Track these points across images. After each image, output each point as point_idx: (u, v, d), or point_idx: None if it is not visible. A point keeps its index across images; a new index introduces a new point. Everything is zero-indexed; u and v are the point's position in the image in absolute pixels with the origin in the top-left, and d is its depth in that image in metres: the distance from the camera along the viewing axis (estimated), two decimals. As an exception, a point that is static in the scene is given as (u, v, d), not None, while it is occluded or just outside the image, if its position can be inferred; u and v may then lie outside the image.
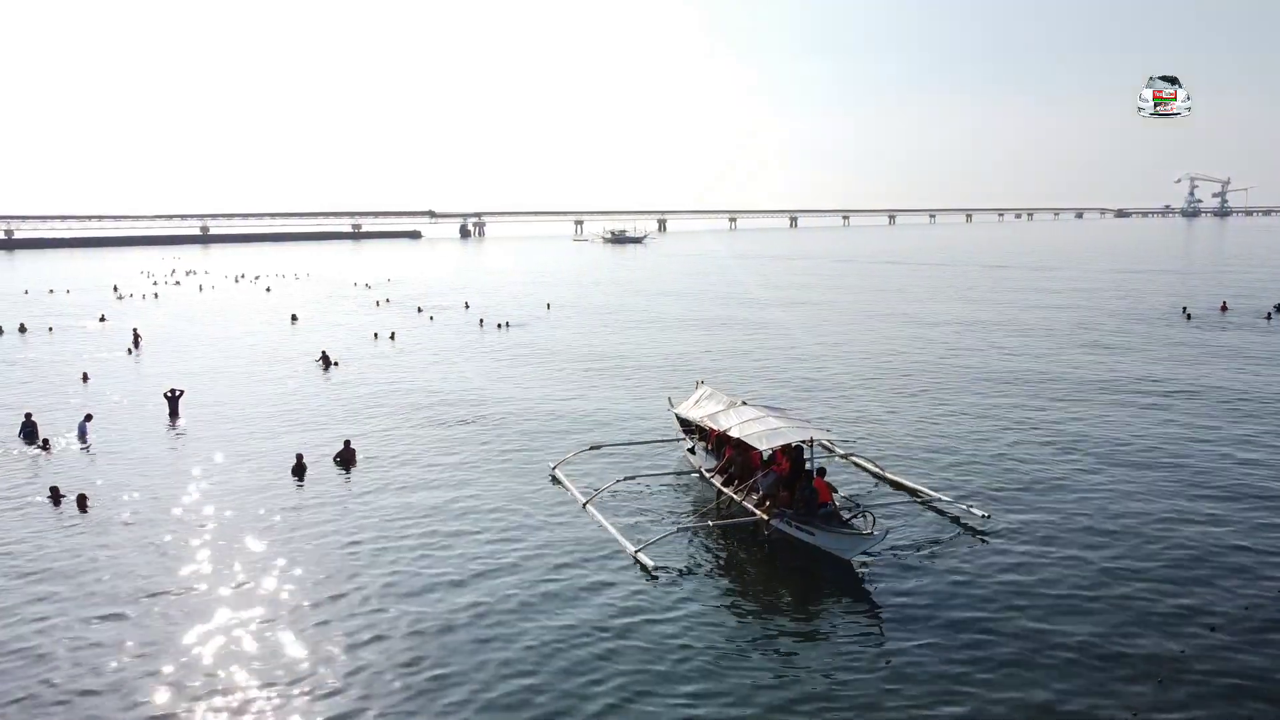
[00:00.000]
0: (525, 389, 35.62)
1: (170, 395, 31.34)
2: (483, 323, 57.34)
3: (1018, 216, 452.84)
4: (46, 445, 27.19)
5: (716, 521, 19.73)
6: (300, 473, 23.87)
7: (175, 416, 30.76)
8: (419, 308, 68.14)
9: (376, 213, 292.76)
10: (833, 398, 32.68)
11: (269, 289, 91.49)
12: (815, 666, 13.97)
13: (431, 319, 61.41)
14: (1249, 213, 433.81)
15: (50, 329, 57.40)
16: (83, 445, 27.45)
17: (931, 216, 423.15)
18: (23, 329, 57.12)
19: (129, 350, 48.21)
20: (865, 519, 18.34)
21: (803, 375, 37.50)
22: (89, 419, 28.71)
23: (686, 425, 24.81)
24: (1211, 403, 30.07)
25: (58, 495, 21.82)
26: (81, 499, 21.43)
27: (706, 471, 22.35)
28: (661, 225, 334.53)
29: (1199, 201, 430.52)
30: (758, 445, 19.47)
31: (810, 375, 37.43)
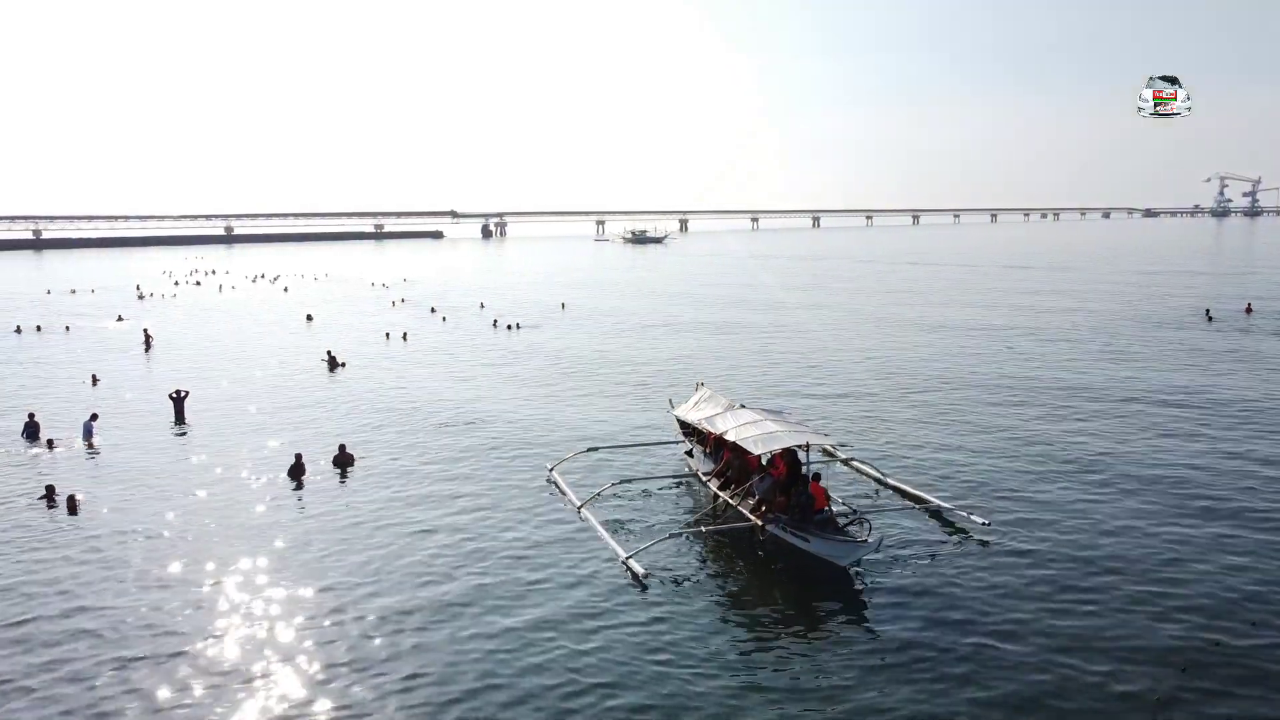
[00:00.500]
0: (528, 390, 35.45)
1: (175, 396, 31.37)
2: (496, 323, 57.25)
3: (1043, 216, 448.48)
4: (50, 445, 27.27)
5: (709, 527, 19.42)
6: (298, 474, 23.78)
7: (180, 417, 30.77)
8: (432, 308, 68.22)
9: (399, 213, 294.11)
10: (839, 402, 32.26)
11: (286, 289, 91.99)
12: (804, 676, 13.65)
13: (444, 319, 61.41)
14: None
15: (67, 329, 57.86)
16: (88, 445, 27.52)
17: (956, 216, 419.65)
18: (39, 329, 57.61)
19: (146, 349, 48.47)
20: (861, 525, 17.99)
21: (810, 379, 37.08)
22: (94, 418, 28.81)
23: (686, 428, 24.52)
24: (1223, 412, 28.86)
25: (52, 495, 21.78)
26: (71, 500, 21.40)
27: (704, 475, 22.05)
28: (683, 225, 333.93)
29: (1229, 201, 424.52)
30: (752, 449, 19.13)
31: (818, 379, 37.00)
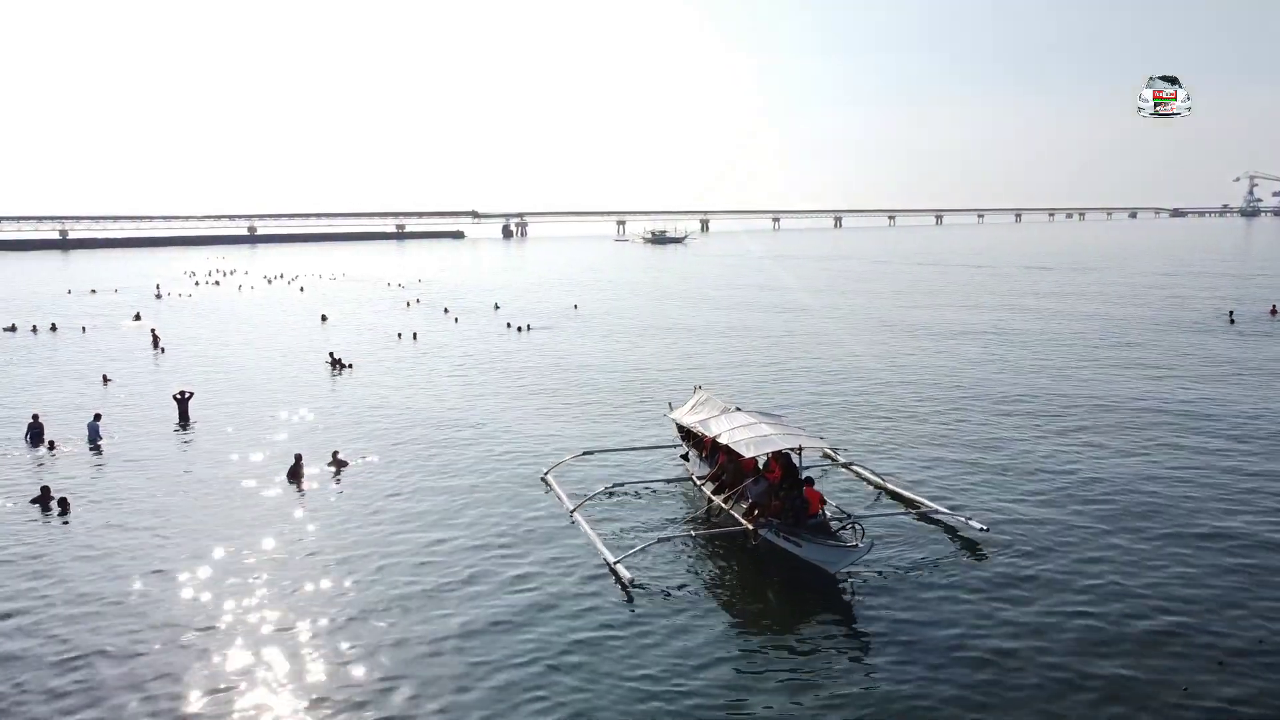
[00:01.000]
0: (531, 392, 35.29)
1: (179, 397, 31.41)
2: (510, 325, 57.17)
3: (1069, 216, 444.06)
4: (52, 447, 27.34)
5: (699, 531, 19.16)
6: (297, 476, 23.72)
7: (184, 418, 30.80)
8: (445, 308, 68.28)
9: (420, 213, 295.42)
10: (843, 406, 31.86)
11: (302, 289, 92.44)
12: (789, 686, 13.38)
13: (456, 320, 61.40)
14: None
15: (84, 329, 58.30)
16: (93, 446, 27.59)
17: (980, 216, 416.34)
18: (54, 328, 58.07)
19: (154, 349, 48.78)
20: (854, 530, 17.67)
21: (816, 384, 36.68)
22: (98, 418, 28.90)
23: (683, 431, 24.26)
24: (1235, 422, 27.52)
25: (47, 497, 21.71)
26: (63, 501, 21.39)
27: (698, 479, 21.79)
28: (704, 225, 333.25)
29: (1259, 200, 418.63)
30: (744, 452, 18.86)
31: (825, 384, 36.59)
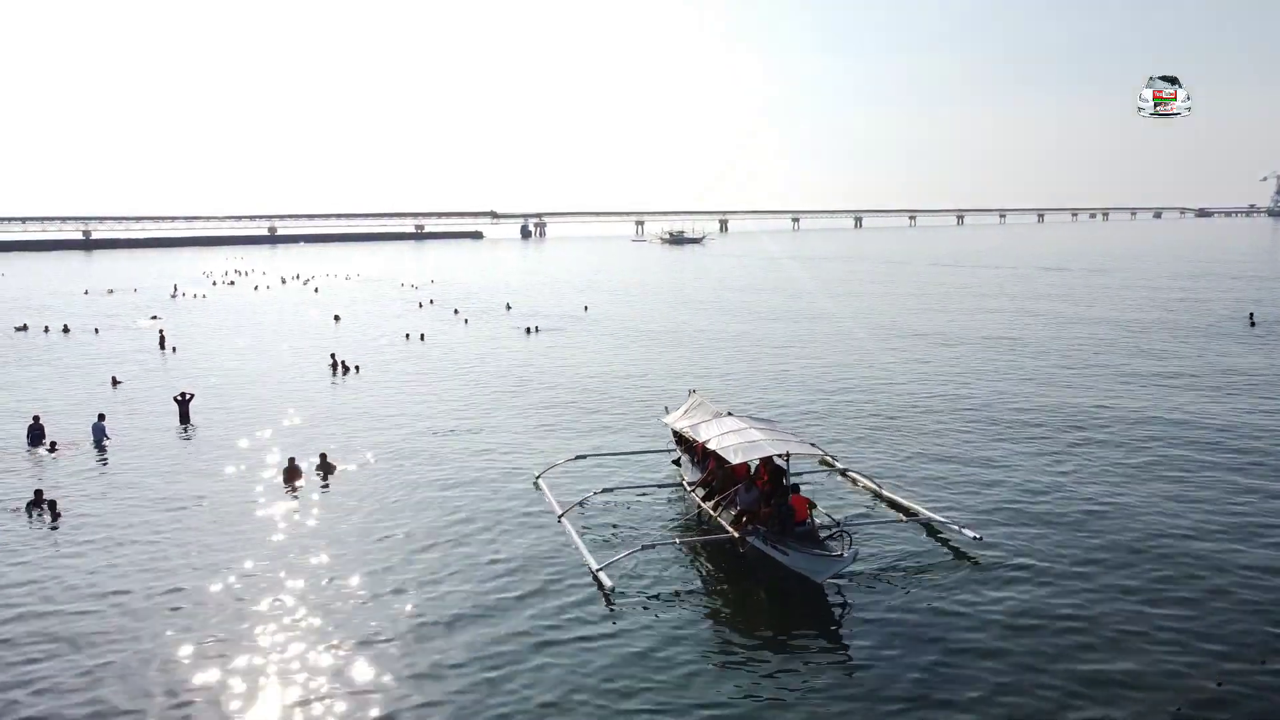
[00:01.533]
0: (532, 395, 35.13)
1: (180, 399, 31.46)
2: (518, 326, 57.05)
3: (1092, 216, 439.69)
4: (54, 447, 27.42)
5: (685, 538, 18.91)
6: (292, 478, 23.65)
7: (185, 420, 30.85)
8: (455, 309, 68.31)
9: (439, 213, 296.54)
10: (845, 412, 31.50)
11: (317, 290, 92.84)
12: (770, 699, 13.12)
13: (466, 321, 61.40)
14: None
15: (96, 330, 58.70)
16: (97, 446, 27.65)
17: (1002, 216, 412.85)
18: (66, 329, 58.50)
19: (172, 349, 49.05)
20: (842, 539, 17.35)
21: (819, 389, 36.30)
22: (103, 419, 28.99)
23: (678, 436, 24.00)
24: (1243, 436, 26.19)
25: (39, 500, 21.68)
26: (52, 504, 21.36)
27: (689, 484, 21.54)
28: (723, 226, 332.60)
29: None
30: (730, 458, 18.56)
31: (827, 389, 36.20)
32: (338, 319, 63.72)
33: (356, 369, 40.99)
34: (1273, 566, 16.98)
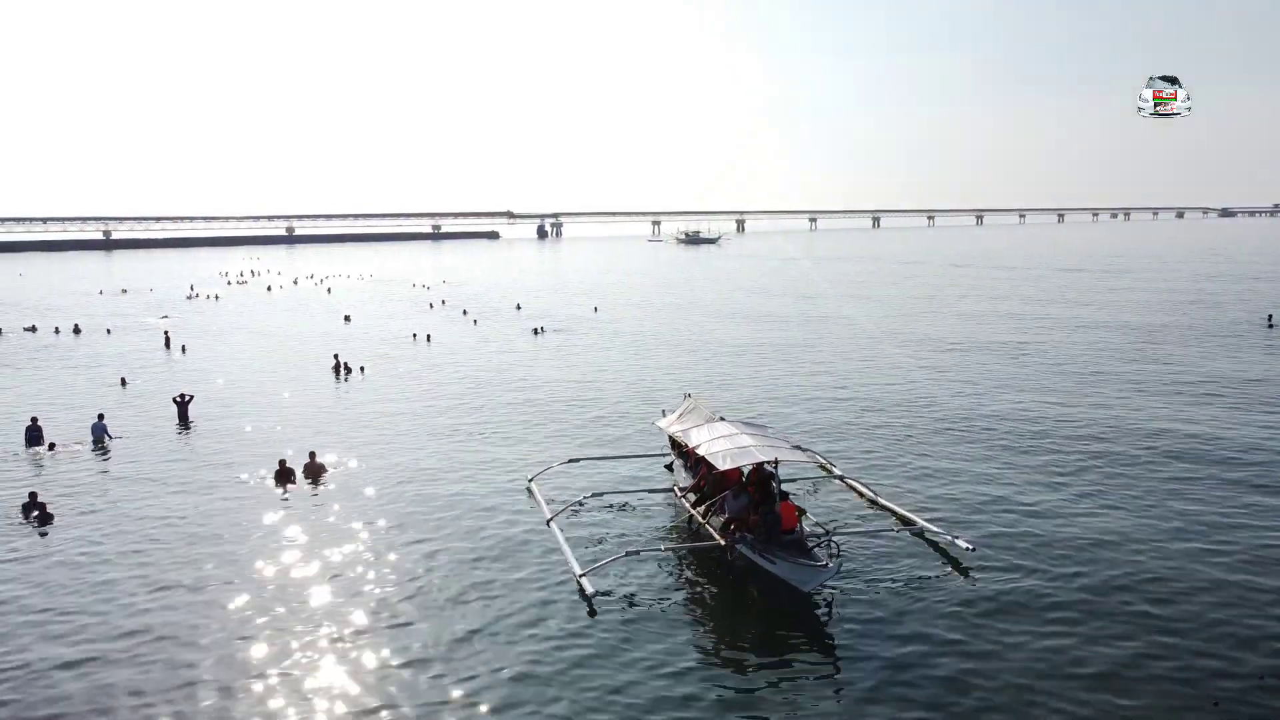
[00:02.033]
0: (531, 396, 34.90)
1: (179, 400, 31.45)
2: (526, 327, 56.91)
3: (1113, 216, 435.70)
4: (53, 447, 27.43)
5: (672, 545, 18.64)
6: (284, 480, 23.52)
7: (184, 421, 30.82)
8: (464, 310, 68.23)
9: (456, 213, 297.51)
10: (849, 418, 31.13)
11: (330, 290, 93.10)
12: (750, 708, 12.87)
13: (475, 322, 61.30)
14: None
15: (108, 331, 58.98)
16: (97, 447, 27.70)
17: (1021, 216, 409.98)
18: (77, 330, 58.77)
19: (181, 350, 49.15)
20: (829, 547, 17.01)
21: (822, 394, 35.89)
22: (102, 418, 29.03)
23: (672, 440, 23.70)
24: (1249, 446, 25.10)
25: (34, 503, 21.56)
26: (44, 508, 21.22)
27: (680, 490, 21.24)
28: (740, 225, 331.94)
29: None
30: (718, 464, 18.25)
31: (831, 395, 35.79)
32: (348, 319, 63.85)
33: (361, 370, 40.91)
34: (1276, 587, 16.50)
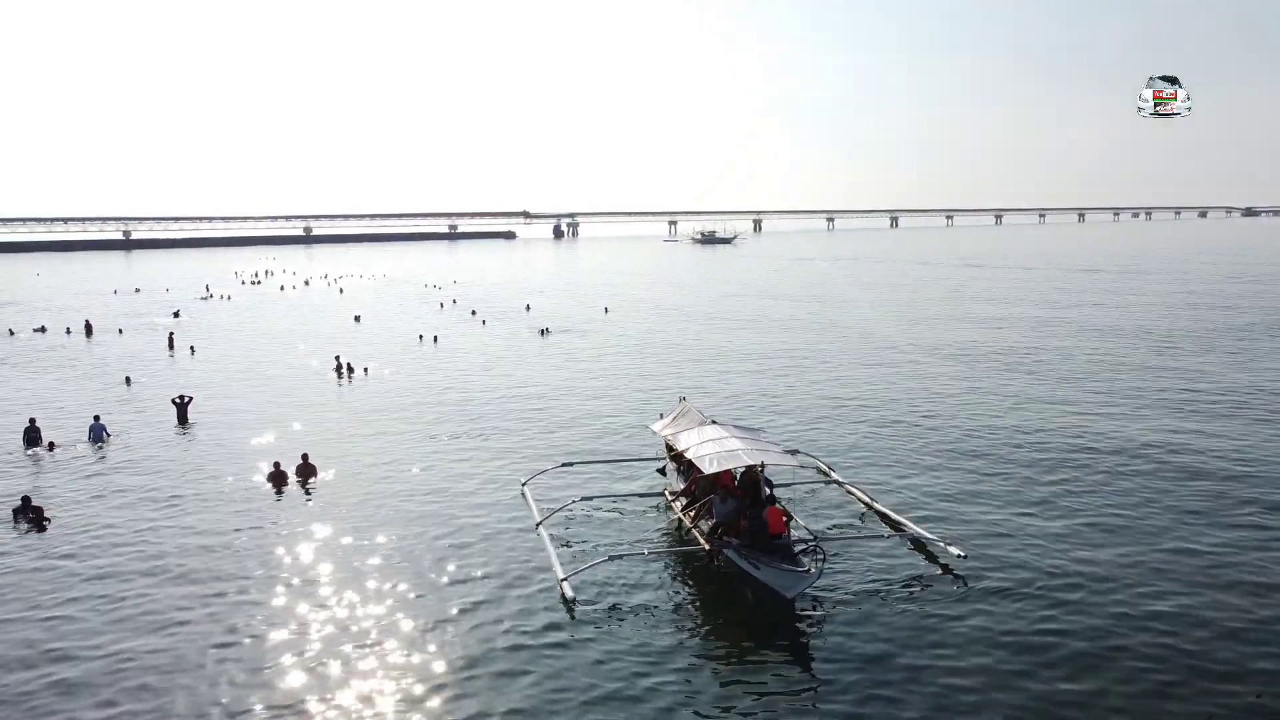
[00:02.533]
0: (531, 398, 34.72)
1: (178, 401, 31.48)
2: (534, 328, 56.80)
3: (1135, 216, 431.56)
4: (53, 447, 27.50)
5: (654, 550, 18.42)
6: (278, 482, 23.47)
7: (183, 422, 30.85)
8: (473, 310, 68.20)
9: (472, 213, 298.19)
10: (851, 423, 30.79)
11: (342, 290, 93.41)
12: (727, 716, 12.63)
13: (484, 323, 61.24)
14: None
15: (120, 331, 59.30)
16: (97, 447, 27.79)
17: (1041, 216, 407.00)
18: (89, 330, 59.06)
19: (191, 350, 49.42)
20: (814, 554, 16.73)
21: (826, 397, 35.53)
22: (98, 419, 29.10)
23: (667, 444, 23.47)
24: (1256, 460, 24.07)
25: (27, 507, 21.49)
26: (39, 511, 21.17)
27: (670, 494, 21.02)
28: (757, 225, 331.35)
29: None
30: (704, 468, 18.05)
31: (832, 398, 35.42)
32: (358, 320, 63.98)
33: (365, 371, 40.88)
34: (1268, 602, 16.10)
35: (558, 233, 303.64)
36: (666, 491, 21.46)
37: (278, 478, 23.64)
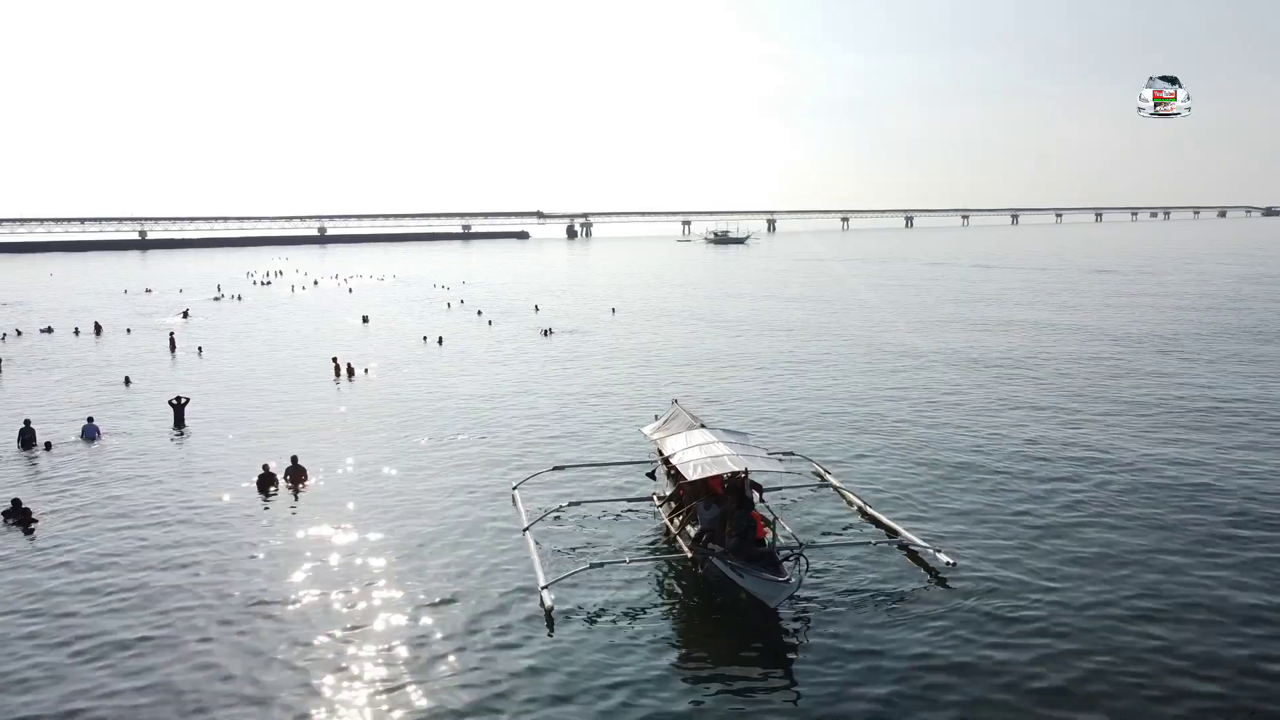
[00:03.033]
0: (529, 400, 34.51)
1: (175, 403, 31.43)
2: (538, 329, 56.65)
3: (1153, 216, 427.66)
4: (49, 446, 27.49)
5: (636, 557, 18.17)
6: (265, 486, 23.33)
7: (180, 423, 30.78)
8: (479, 311, 68.11)
9: (486, 213, 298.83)
10: (850, 423, 30.46)
11: (351, 290, 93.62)
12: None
13: (490, 323, 61.13)
14: None
15: (129, 330, 59.52)
16: (91, 445, 27.78)
17: (1058, 216, 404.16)
18: (98, 330, 59.36)
19: (198, 351, 49.51)
20: (798, 561, 16.44)
21: (827, 400, 35.15)
22: (91, 420, 29.14)
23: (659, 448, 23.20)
24: (1247, 469, 23.52)
25: (17, 509, 21.35)
26: (28, 513, 21.11)
27: (658, 499, 20.76)
28: (771, 225, 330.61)
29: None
30: (687, 474, 17.76)
31: (834, 399, 35.06)
32: (365, 320, 63.99)
33: (366, 372, 40.79)
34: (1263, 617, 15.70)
35: (571, 233, 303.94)
36: (655, 496, 21.20)
37: (266, 480, 23.51)
